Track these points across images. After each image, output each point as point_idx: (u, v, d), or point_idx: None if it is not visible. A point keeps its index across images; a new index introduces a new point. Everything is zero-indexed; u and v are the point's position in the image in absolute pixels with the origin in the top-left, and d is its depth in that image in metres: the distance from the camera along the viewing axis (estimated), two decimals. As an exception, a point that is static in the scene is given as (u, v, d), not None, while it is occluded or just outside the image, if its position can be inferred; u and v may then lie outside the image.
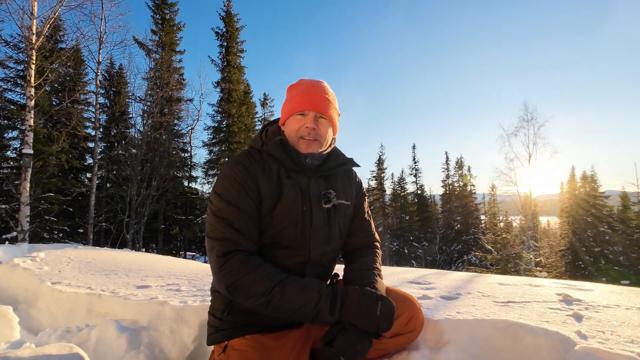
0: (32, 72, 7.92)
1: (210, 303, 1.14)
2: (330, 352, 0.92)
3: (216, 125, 18.15)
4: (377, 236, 1.30)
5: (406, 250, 24.32)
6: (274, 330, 1.04)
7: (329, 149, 1.18)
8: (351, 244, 1.24)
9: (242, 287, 0.94)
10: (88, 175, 15.01)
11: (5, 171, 11.35)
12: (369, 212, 1.32)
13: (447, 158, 29.01)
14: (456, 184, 28.60)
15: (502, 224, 16.62)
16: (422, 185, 27.66)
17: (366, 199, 1.31)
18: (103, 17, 11.64)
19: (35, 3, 8.03)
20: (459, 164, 28.69)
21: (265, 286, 0.93)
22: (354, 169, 1.29)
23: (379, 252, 1.25)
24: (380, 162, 26.55)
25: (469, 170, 28.80)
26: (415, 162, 27.64)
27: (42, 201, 11.12)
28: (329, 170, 1.16)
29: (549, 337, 1.11)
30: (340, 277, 1.20)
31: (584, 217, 20.73)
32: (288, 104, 1.14)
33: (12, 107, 11.91)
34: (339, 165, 1.18)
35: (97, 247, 5.57)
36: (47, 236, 11.79)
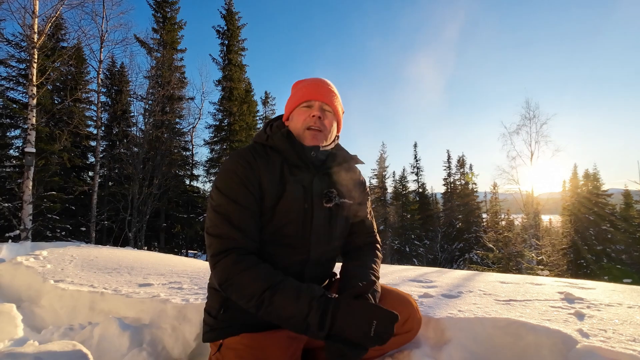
0: (34, 71, 7.93)
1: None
2: (331, 354, 0.89)
3: (217, 123, 18.22)
4: (378, 237, 1.28)
5: (407, 249, 24.33)
6: (269, 329, 1.03)
7: (333, 145, 1.18)
8: (352, 243, 1.22)
9: (234, 287, 0.93)
10: (90, 173, 15.06)
11: (8, 170, 11.41)
12: (372, 212, 1.30)
13: (449, 156, 28.98)
14: (458, 182, 28.55)
15: (503, 223, 16.55)
16: (423, 184, 27.70)
17: (369, 199, 1.30)
18: (104, 16, 11.68)
19: (37, 2, 8.03)
20: (461, 162, 28.63)
21: (255, 289, 0.91)
22: (358, 167, 1.28)
23: (380, 253, 1.23)
24: (381, 160, 26.55)
25: (470, 168, 28.76)
26: (416, 160, 27.63)
27: (45, 200, 11.19)
28: (333, 167, 1.15)
29: (551, 335, 1.11)
30: (338, 276, 1.19)
31: (586, 216, 20.68)
32: (293, 97, 1.15)
33: (15, 105, 11.95)
34: (342, 163, 1.17)
35: (100, 245, 5.60)
36: (50, 234, 11.87)
